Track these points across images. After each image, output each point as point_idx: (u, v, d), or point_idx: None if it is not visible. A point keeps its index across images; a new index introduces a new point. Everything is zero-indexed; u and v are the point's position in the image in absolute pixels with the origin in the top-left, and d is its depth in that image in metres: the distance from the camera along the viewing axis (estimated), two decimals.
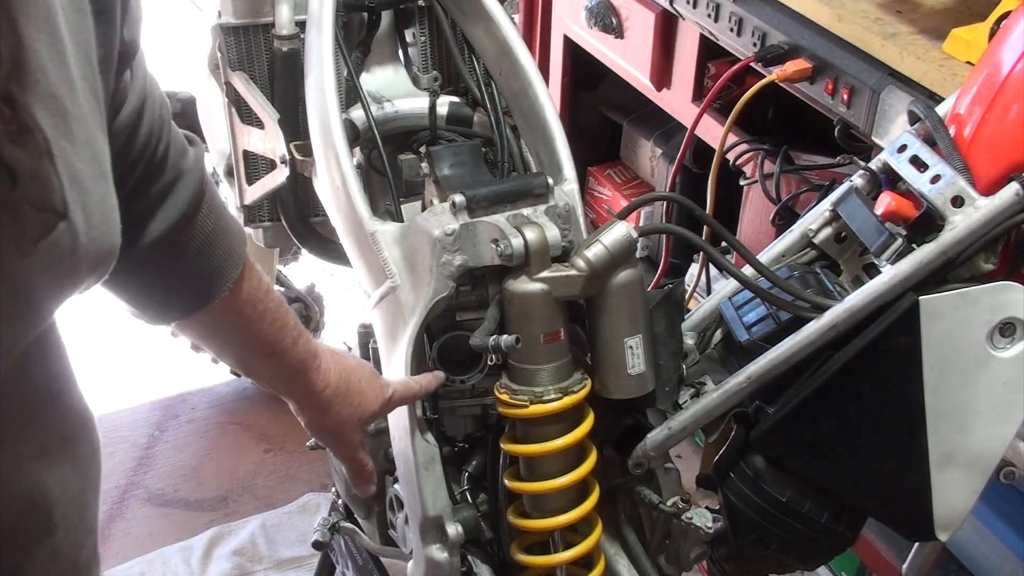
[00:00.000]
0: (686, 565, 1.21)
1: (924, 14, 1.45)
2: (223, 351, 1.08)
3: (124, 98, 0.79)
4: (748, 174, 1.76)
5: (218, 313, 0.96)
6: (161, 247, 0.88)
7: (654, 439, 1.14)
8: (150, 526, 2.13)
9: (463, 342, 1.15)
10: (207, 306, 0.95)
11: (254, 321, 1.00)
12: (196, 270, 0.93)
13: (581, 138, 2.24)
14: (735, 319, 1.12)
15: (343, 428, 1.13)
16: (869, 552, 1.60)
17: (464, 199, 1.12)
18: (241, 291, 0.97)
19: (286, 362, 1.05)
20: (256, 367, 1.08)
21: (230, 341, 1.04)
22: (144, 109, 0.82)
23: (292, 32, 1.44)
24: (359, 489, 1.23)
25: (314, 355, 1.07)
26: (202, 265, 0.93)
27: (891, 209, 1.00)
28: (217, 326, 1.00)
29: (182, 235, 0.89)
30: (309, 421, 1.13)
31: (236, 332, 1.01)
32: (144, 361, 2.46)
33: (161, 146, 0.85)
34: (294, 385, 1.08)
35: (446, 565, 1.21)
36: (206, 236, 0.91)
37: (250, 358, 1.07)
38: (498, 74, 1.40)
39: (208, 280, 0.94)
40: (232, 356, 1.09)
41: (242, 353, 1.06)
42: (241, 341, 1.03)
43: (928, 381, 1.00)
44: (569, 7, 2.11)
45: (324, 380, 1.08)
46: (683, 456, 2.00)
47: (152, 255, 0.88)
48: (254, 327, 1.01)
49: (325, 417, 1.11)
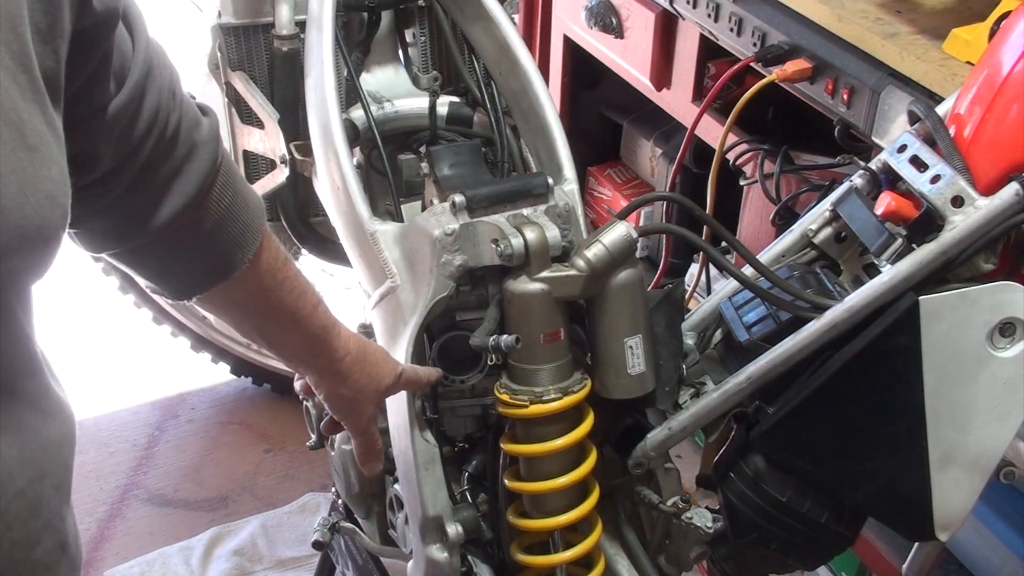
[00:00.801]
0: (686, 565, 1.21)
1: (924, 14, 1.45)
2: (244, 323, 1.07)
3: (125, 72, 0.77)
4: (748, 174, 1.76)
5: (239, 285, 0.96)
6: (179, 222, 0.87)
7: (654, 439, 1.14)
8: (150, 526, 2.13)
9: (463, 342, 1.15)
10: (227, 279, 0.94)
11: (274, 290, 1.00)
12: (215, 244, 0.92)
13: (581, 138, 2.24)
14: (735, 319, 1.12)
15: (360, 398, 1.13)
16: (869, 552, 1.60)
17: (464, 199, 1.12)
18: (260, 261, 0.96)
19: (308, 329, 1.05)
20: (279, 337, 1.08)
21: (252, 312, 1.03)
22: (149, 81, 0.79)
23: (292, 32, 1.44)
24: (367, 467, 1.23)
25: (334, 323, 1.08)
26: (221, 239, 0.92)
27: (891, 209, 1.00)
28: (238, 298, 0.99)
29: (199, 210, 0.88)
30: (329, 392, 1.13)
31: (258, 302, 1.01)
32: (144, 361, 2.46)
33: (173, 119, 0.83)
34: (318, 351, 1.08)
35: (446, 565, 1.21)
36: (224, 209, 0.91)
37: (272, 328, 1.06)
38: (498, 74, 1.40)
39: (227, 254, 0.93)
40: (254, 327, 1.08)
41: (264, 324, 1.05)
42: (263, 312, 1.02)
43: (928, 381, 1.00)
44: (569, 7, 2.11)
45: (345, 347, 1.09)
46: (683, 456, 2.00)
47: (170, 231, 0.87)
48: (275, 296, 1.00)
49: (344, 385, 1.11)
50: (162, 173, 0.85)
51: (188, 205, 0.87)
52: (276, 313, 1.02)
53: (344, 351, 1.09)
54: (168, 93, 0.82)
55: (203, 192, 0.88)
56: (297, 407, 1.54)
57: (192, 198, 0.87)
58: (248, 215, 0.94)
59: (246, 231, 0.94)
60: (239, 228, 0.93)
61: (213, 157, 0.88)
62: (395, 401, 1.21)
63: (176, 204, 0.86)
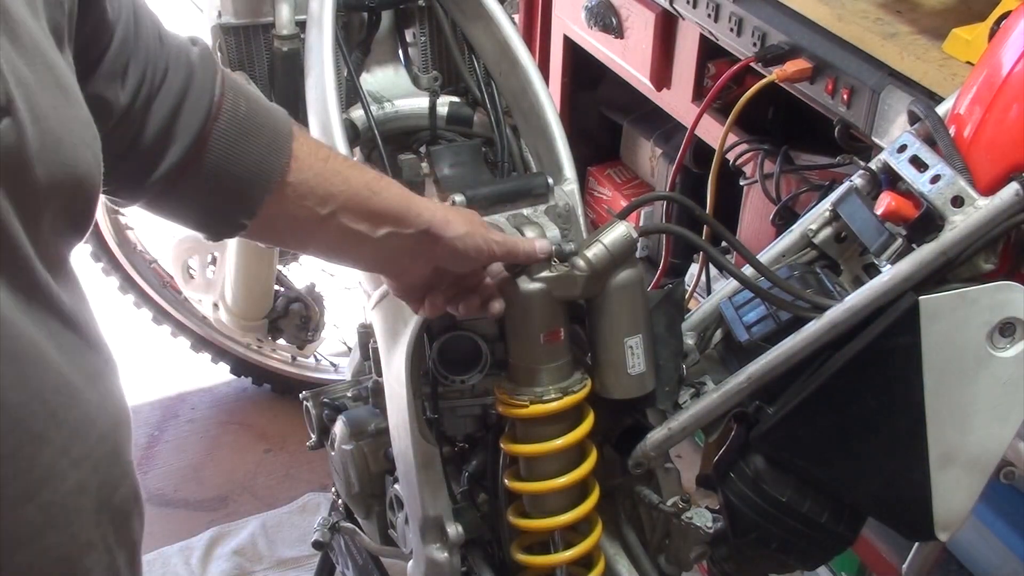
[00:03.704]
0: (686, 565, 1.21)
1: (924, 14, 1.45)
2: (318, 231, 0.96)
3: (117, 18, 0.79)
4: (748, 174, 1.76)
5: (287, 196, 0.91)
6: (201, 141, 0.86)
7: (654, 439, 1.14)
8: (150, 526, 2.10)
9: (463, 342, 1.15)
10: (272, 187, 0.90)
11: (327, 178, 0.93)
12: (247, 152, 0.88)
13: (581, 138, 2.24)
14: (735, 319, 1.12)
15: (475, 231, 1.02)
16: (869, 552, 1.60)
17: (464, 199, 1.12)
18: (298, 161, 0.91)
19: (390, 197, 0.97)
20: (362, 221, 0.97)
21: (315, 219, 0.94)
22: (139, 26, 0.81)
23: (292, 32, 1.44)
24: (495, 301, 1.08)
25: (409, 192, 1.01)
26: (251, 148, 0.88)
27: (891, 209, 1.00)
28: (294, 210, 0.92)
29: (217, 122, 0.87)
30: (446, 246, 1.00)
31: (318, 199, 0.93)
32: (144, 361, 2.46)
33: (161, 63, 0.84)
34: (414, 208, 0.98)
35: (446, 565, 1.21)
36: (242, 117, 0.88)
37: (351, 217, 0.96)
38: (498, 74, 1.40)
39: (264, 160, 0.89)
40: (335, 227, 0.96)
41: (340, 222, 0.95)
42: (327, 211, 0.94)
43: (928, 381, 1.00)
44: (569, 7, 2.11)
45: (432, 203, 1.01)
46: (683, 456, 2.00)
47: (191, 160, 0.85)
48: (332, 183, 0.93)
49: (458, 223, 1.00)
50: (167, 104, 0.84)
51: (203, 125, 0.86)
52: (343, 199, 0.94)
53: (434, 205, 1.01)
54: (154, 43, 0.83)
55: (216, 106, 0.87)
56: (297, 407, 1.54)
57: (205, 113, 0.86)
58: (271, 118, 0.91)
59: (276, 136, 0.90)
60: (268, 134, 0.90)
61: (211, 73, 0.87)
62: (395, 401, 1.21)
63: (193, 125, 0.85)
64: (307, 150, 0.93)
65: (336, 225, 0.95)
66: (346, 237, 0.97)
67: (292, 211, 0.93)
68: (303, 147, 0.92)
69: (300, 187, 0.92)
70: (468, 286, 1.07)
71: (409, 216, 0.98)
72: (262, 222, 0.92)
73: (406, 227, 0.98)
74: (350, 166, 0.98)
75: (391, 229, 0.97)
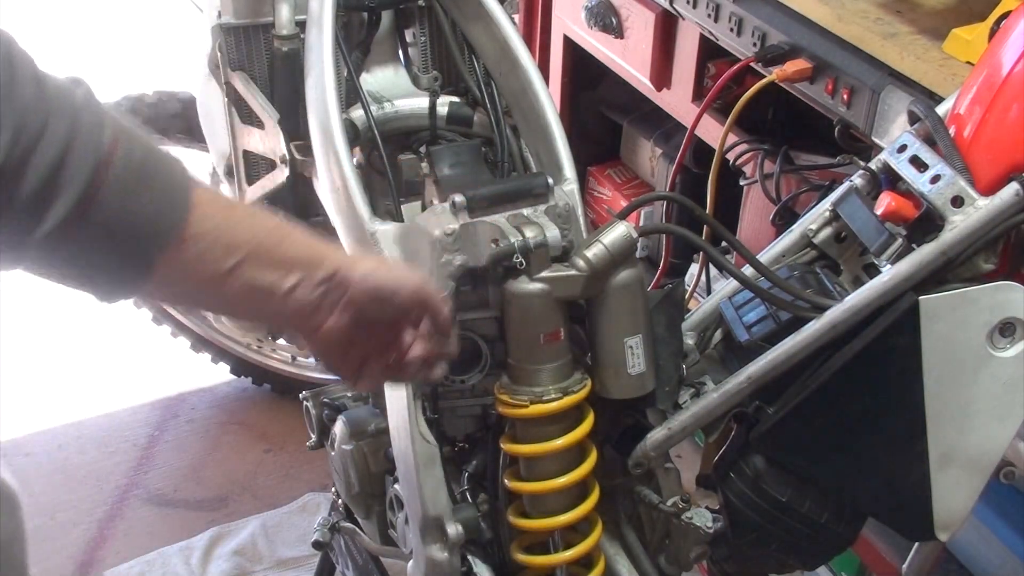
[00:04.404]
0: (686, 565, 1.21)
1: (924, 14, 1.45)
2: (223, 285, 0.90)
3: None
4: (748, 174, 1.76)
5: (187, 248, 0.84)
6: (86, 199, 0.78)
7: (654, 439, 1.14)
8: (150, 526, 2.13)
9: (463, 342, 1.15)
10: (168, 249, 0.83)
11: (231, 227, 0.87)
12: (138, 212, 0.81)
13: (581, 138, 2.24)
14: (735, 319, 1.12)
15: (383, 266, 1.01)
16: (869, 552, 1.60)
17: (464, 199, 1.12)
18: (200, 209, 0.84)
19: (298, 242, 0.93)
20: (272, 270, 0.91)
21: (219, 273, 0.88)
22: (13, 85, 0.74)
23: (292, 32, 1.44)
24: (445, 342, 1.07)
25: None
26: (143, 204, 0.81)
27: (891, 209, 1.00)
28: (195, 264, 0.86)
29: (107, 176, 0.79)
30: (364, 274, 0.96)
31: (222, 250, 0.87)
32: (144, 361, 2.46)
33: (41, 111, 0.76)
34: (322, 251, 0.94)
35: (446, 565, 1.21)
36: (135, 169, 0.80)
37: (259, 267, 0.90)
38: (498, 74, 1.40)
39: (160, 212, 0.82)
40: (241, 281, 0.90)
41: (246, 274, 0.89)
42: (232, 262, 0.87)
43: (928, 381, 1.00)
44: (569, 7, 2.11)
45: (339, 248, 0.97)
46: (683, 456, 2.00)
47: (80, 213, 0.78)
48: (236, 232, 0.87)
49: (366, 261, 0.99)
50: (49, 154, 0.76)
51: (94, 169, 0.78)
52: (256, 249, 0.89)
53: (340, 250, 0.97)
54: (31, 76, 0.76)
55: (107, 152, 0.78)
56: (297, 407, 1.54)
57: (94, 161, 0.78)
58: (167, 164, 0.84)
59: (173, 184, 0.83)
60: (164, 180, 0.83)
61: (99, 117, 0.80)
62: (395, 401, 1.21)
63: (81, 173, 0.77)
64: (208, 198, 0.86)
65: (242, 278, 0.89)
66: (253, 292, 0.90)
67: (194, 264, 0.86)
68: (203, 195, 0.86)
69: (203, 238, 0.85)
70: (391, 341, 1.02)
71: (317, 259, 0.94)
72: (161, 279, 0.85)
73: (316, 270, 0.93)
74: (253, 213, 0.94)
75: (301, 274, 0.92)
